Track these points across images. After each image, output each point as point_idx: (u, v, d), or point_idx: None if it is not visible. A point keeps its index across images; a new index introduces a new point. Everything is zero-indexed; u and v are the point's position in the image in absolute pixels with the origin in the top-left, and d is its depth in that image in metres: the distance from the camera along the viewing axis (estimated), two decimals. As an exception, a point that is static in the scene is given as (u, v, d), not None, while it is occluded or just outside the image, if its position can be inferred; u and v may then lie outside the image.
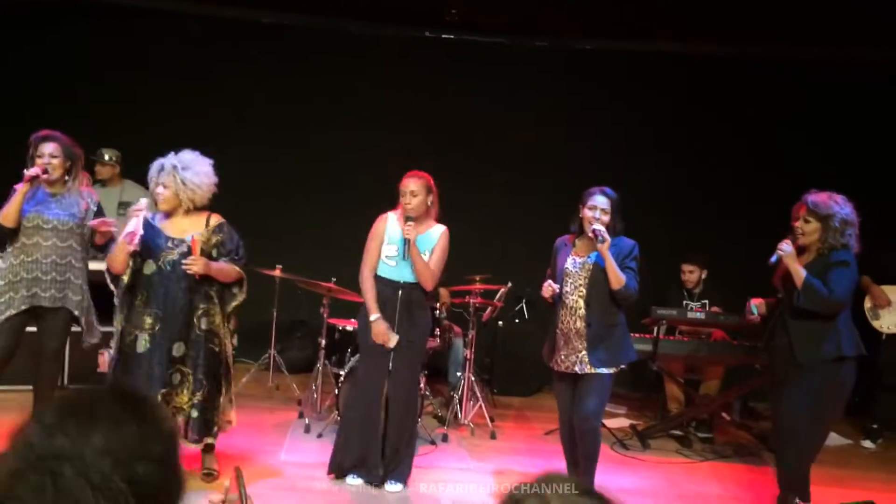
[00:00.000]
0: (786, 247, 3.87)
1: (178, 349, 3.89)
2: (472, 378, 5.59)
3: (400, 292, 4.16)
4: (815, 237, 3.88)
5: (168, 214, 4.00)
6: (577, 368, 3.97)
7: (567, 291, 4.01)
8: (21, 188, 4.10)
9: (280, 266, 5.75)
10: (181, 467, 1.03)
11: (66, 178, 4.27)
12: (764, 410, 6.29)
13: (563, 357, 4.02)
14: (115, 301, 4.02)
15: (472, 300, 5.58)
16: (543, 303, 4.17)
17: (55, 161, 4.18)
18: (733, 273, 6.24)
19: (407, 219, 4.16)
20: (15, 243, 4.18)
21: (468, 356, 5.56)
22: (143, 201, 3.89)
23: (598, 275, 3.94)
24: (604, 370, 3.95)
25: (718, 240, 6.74)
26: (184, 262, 3.85)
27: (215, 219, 4.05)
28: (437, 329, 5.45)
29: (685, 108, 7.13)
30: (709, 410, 5.72)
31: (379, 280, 4.23)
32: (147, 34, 6.90)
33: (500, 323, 6.76)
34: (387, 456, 4.25)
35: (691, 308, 5.94)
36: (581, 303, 3.98)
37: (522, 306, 7.00)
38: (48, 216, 4.18)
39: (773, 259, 3.92)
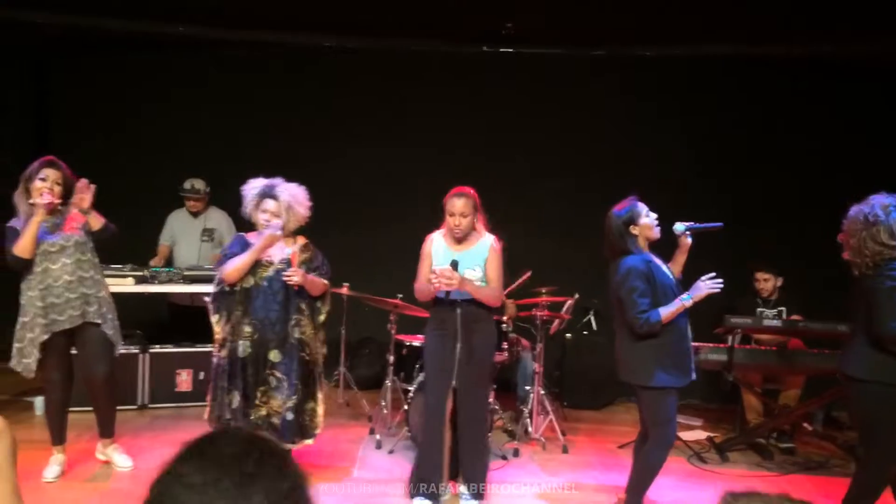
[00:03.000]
0: None
1: (274, 355, 4.24)
2: (542, 392, 5.54)
3: (459, 310, 4.02)
4: None
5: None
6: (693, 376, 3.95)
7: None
8: (36, 218, 4.13)
9: (347, 284, 5.82)
10: None
11: (60, 207, 4.33)
12: (847, 420, 6.05)
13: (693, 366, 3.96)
14: (211, 310, 4.33)
15: (538, 313, 5.53)
16: (611, 317, 4.07)
17: (57, 189, 4.24)
18: (809, 278, 6.03)
19: (453, 263, 3.99)
20: (28, 275, 4.23)
21: (537, 369, 5.51)
22: (277, 222, 4.20)
23: None
24: None
25: (793, 244, 6.52)
26: (284, 273, 4.18)
27: (301, 239, 4.42)
28: (505, 343, 5.42)
29: (749, 113, 6.95)
30: (789, 421, 5.52)
31: (436, 301, 4.16)
32: (216, 63, 7.16)
33: (568, 335, 6.69)
34: (461, 475, 4.21)
35: (767, 315, 5.77)
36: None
37: (590, 318, 6.92)
38: (52, 239, 4.24)
39: None
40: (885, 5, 5.32)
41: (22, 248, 4.13)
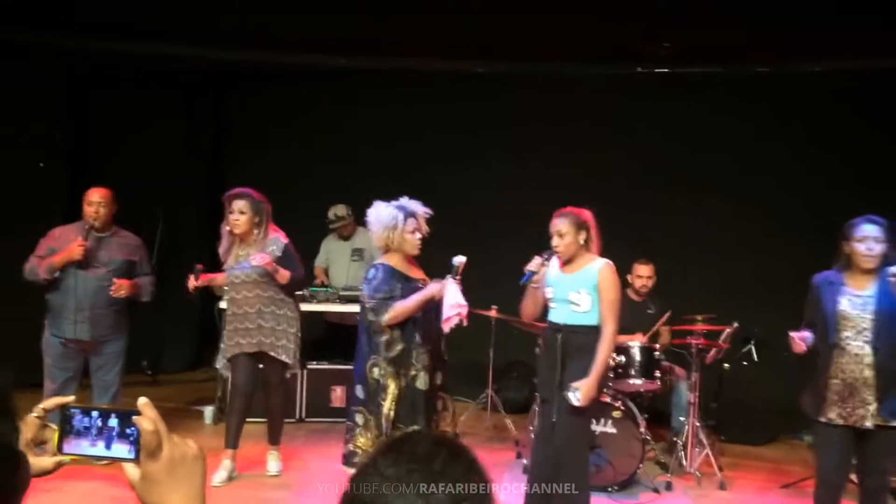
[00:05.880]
0: None
1: (439, 378, 4.06)
2: (697, 423, 5.29)
3: (559, 335, 3.90)
4: None
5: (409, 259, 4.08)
6: (867, 423, 3.54)
7: (848, 336, 3.58)
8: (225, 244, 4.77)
9: (496, 307, 5.84)
10: None
11: (256, 231, 4.69)
12: None
13: (848, 411, 3.57)
14: (389, 342, 3.91)
15: (693, 341, 5.29)
16: (780, 345, 3.82)
17: (243, 217, 4.63)
18: None
19: (533, 274, 3.98)
20: (227, 297, 4.82)
21: (692, 400, 5.27)
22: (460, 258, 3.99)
23: (884, 315, 3.53)
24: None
25: None
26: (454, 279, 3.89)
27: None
28: (657, 371, 5.24)
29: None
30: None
31: (547, 323, 4.09)
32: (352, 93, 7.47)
33: (726, 365, 6.34)
34: None
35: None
36: (868, 349, 3.54)
37: (751, 348, 6.51)
38: (235, 270, 4.71)
39: None
40: None
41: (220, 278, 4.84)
